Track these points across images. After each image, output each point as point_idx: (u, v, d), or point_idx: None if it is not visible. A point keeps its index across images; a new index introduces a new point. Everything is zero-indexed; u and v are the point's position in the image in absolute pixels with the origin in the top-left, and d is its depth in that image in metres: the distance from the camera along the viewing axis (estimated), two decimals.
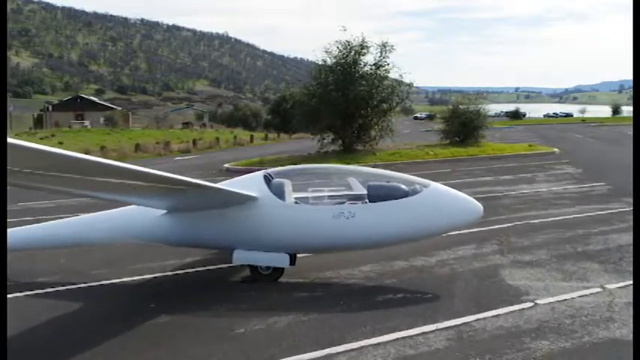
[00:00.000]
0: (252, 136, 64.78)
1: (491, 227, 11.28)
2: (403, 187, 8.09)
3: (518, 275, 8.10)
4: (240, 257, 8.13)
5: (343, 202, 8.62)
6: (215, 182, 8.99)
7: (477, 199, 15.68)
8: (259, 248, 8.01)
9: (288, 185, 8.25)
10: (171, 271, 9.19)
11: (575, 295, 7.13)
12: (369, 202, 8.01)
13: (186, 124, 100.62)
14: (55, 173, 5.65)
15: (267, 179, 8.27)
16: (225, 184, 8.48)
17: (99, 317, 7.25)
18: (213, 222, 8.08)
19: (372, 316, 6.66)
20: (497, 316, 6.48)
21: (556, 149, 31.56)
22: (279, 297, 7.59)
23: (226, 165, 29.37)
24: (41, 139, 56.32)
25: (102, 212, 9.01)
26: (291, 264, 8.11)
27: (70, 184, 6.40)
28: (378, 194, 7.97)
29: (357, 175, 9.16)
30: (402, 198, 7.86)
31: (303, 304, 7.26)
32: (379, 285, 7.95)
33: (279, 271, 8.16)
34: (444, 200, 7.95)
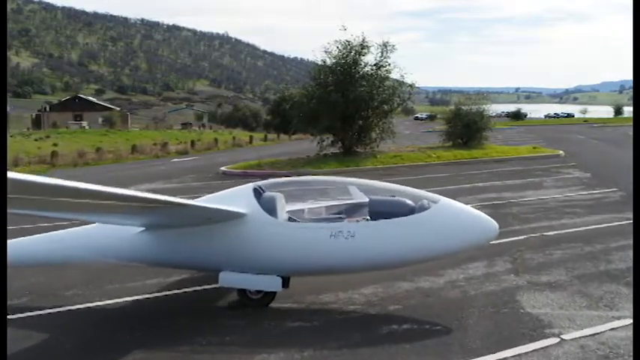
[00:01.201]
0: (251, 137, 64.12)
1: (503, 240, 10.36)
2: (409, 202, 7.22)
3: (537, 301, 7.23)
4: (227, 280, 7.27)
5: (341, 213, 7.80)
6: (210, 187, 8.17)
7: (484, 206, 15.09)
8: (248, 270, 7.17)
9: (280, 200, 7.38)
10: (152, 292, 8.33)
11: (605, 327, 6.26)
12: (371, 219, 7.14)
13: (185, 125, 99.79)
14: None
15: (258, 193, 7.42)
16: (212, 198, 7.67)
17: (64, 352, 6.37)
18: (195, 241, 7.23)
19: (374, 354, 5.81)
20: (519, 355, 5.62)
21: (561, 152, 30.83)
22: (270, 327, 6.72)
23: (223, 168, 28.55)
24: (35, 140, 55.55)
25: (72, 229, 8.10)
26: (284, 287, 7.27)
27: (38, 206, 5.64)
28: (381, 211, 7.10)
29: (358, 187, 8.24)
30: (407, 215, 7.00)
31: (297, 337, 6.40)
32: (382, 313, 7.08)
33: (270, 295, 7.30)
34: (455, 218, 7.05)
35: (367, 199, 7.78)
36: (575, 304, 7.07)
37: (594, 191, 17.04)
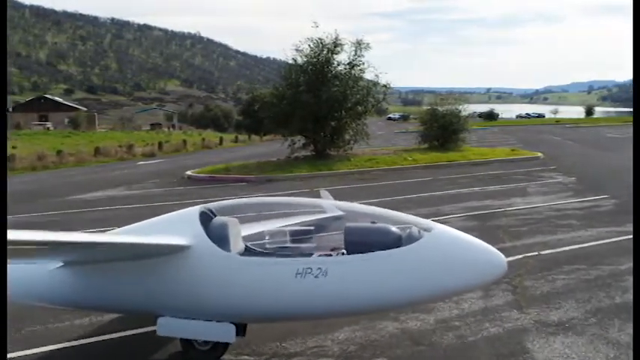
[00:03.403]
0: (221, 139, 62.57)
1: None
2: (395, 231, 5.73)
3: (552, 350, 5.83)
4: (167, 327, 5.76)
5: (312, 232, 6.38)
6: (173, 193, 6.65)
7: (468, 217, 13.81)
8: (194, 316, 5.69)
9: (234, 227, 5.90)
10: (81, 337, 6.79)
11: None
12: (348, 252, 5.67)
13: (154, 126, 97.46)
14: None
15: (206, 218, 5.93)
16: (149, 225, 6.15)
17: None
18: (127, 279, 5.72)
19: None
20: None
21: (539, 154, 29.99)
22: None
23: (188, 172, 26.96)
24: None
25: None
26: (238, 335, 5.78)
27: None
28: (360, 242, 5.62)
29: (332, 209, 6.75)
30: (393, 247, 5.51)
31: None
32: None
33: (221, 346, 5.79)
34: (452, 251, 5.58)
35: (341, 213, 6.43)
36: (599, 356, 5.70)
37: (584, 199, 15.88)
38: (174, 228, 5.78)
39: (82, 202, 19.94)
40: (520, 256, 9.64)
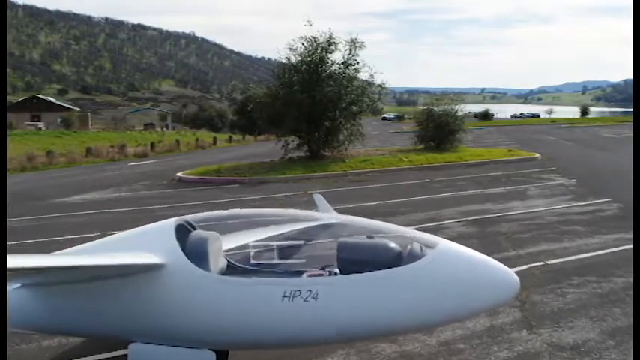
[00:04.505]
0: (215, 139, 62.00)
1: None
2: (394, 247, 5.10)
3: None
4: (139, 354, 5.12)
5: (300, 255, 5.75)
6: (162, 196, 6.05)
7: (467, 222, 13.22)
8: (168, 342, 5.07)
9: (214, 242, 5.26)
10: None
11: None
12: (341, 271, 5.02)
13: (147, 126, 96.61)
14: None
15: (183, 232, 5.31)
16: (122, 239, 5.56)
17: None
18: (94, 300, 5.10)
19: None
20: None
21: (537, 154, 29.46)
22: None
23: (179, 174, 26.30)
24: None
25: None
26: None
27: None
28: (355, 260, 4.99)
29: (321, 222, 6.11)
30: (392, 266, 4.89)
31: None
32: None
33: None
34: (458, 269, 4.93)
35: (333, 220, 5.82)
36: None
37: (587, 202, 15.30)
38: (147, 243, 5.17)
39: (67, 205, 19.30)
40: (525, 267, 9.03)
